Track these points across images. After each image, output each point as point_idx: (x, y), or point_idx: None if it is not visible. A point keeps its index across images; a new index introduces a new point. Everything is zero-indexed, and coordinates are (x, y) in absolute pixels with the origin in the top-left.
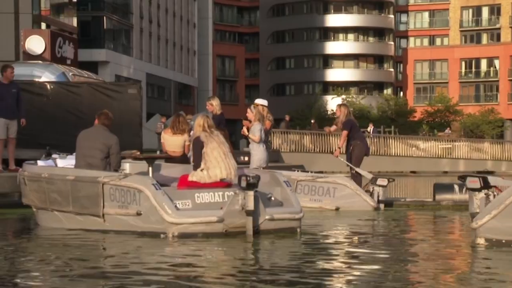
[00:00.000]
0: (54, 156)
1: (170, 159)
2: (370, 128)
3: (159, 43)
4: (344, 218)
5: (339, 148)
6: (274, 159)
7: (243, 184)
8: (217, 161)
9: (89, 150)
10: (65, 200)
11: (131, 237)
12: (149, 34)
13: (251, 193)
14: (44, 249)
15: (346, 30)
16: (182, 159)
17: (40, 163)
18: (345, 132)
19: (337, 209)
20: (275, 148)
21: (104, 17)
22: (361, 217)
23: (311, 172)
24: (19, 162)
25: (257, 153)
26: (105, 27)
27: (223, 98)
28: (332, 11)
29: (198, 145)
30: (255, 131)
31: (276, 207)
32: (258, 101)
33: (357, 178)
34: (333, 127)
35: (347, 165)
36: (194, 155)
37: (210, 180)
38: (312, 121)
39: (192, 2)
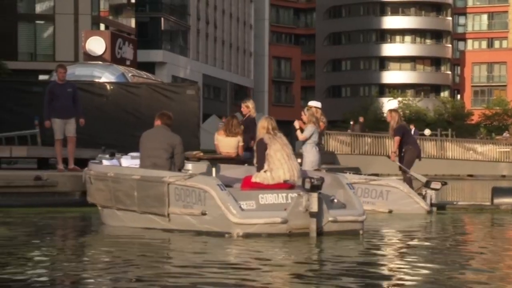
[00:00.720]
0: (105, 155)
1: (224, 160)
2: (412, 129)
3: (216, 44)
4: (400, 221)
5: (394, 152)
6: (330, 161)
7: (307, 186)
8: (281, 162)
9: (154, 150)
10: (131, 199)
11: (195, 237)
12: (206, 35)
13: (315, 195)
14: (109, 247)
15: (403, 32)
16: (237, 160)
17: (105, 162)
18: (397, 138)
19: (390, 212)
20: (330, 150)
21: (162, 18)
22: (415, 220)
23: (365, 174)
24: (80, 162)
25: (310, 155)
26: (162, 28)
27: (278, 100)
28: (389, 13)
29: (261, 146)
30: (306, 133)
31: (339, 209)
32: (312, 103)
33: (409, 181)
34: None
35: (401, 169)
36: (258, 156)
37: (273, 182)
38: (352, 122)
39: (249, 4)
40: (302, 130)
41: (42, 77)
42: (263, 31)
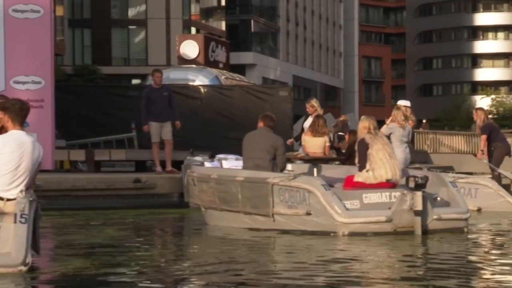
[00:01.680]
0: (196, 158)
1: (311, 160)
2: None
3: (305, 45)
4: (491, 219)
5: (481, 151)
6: (422, 160)
7: (411, 184)
8: (382, 162)
9: (256, 152)
10: (234, 200)
11: (300, 236)
12: (295, 36)
13: (419, 194)
14: (215, 247)
15: (495, 28)
16: (325, 160)
17: (207, 164)
18: (484, 136)
19: (479, 210)
20: (422, 149)
21: (252, 20)
22: (507, 218)
23: (455, 173)
24: (176, 164)
25: (398, 154)
26: (252, 30)
27: (369, 99)
28: (481, 9)
29: (363, 146)
30: (385, 129)
31: (443, 207)
32: (401, 102)
33: (498, 179)
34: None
35: (490, 167)
36: (360, 156)
37: (375, 181)
38: (424, 120)
39: (338, 4)
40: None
41: (135, 81)
42: (352, 31)
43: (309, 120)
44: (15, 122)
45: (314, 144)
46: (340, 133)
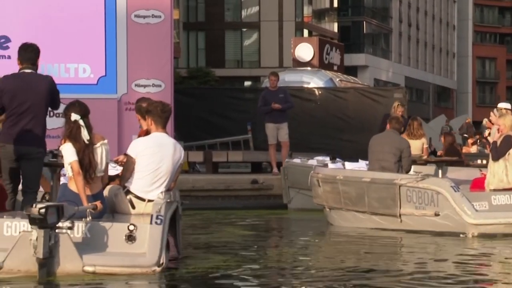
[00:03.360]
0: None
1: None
2: None
3: (418, 46)
4: None
5: None
6: None
7: None
8: None
9: (382, 154)
10: (360, 201)
11: (428, 236)
12: (408, 37)
13: None
14: (342, 246)
15: None
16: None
17: (330, 166)
18: None
19: None
20: None
21: (364, 22)
22: None
23: None
24: None
25: None
26: (364, 31)
27: (482, 101)
28: None
29: (509, 143)
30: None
31: None
32: (502, 105)
33: None
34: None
35: None
36: (500, 151)
37: (509, 186)
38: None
39: (452, 4)
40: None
41: (247, 83)
42: (466, 32)
43: None
44: (157, 124)
45: (412, 147)
46: (465, 135)
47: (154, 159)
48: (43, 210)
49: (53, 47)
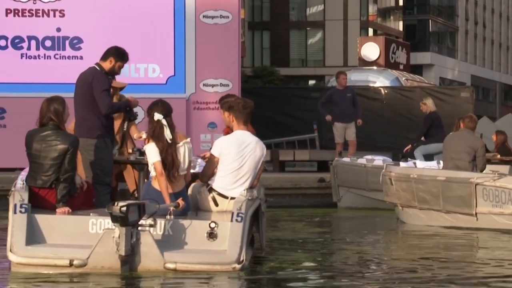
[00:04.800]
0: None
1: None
2: None
3: (484, 44)
4: None
5: None
6: None
7: None
8: None
9: (456, 153)
10: (435, 199)
11: (505, 236)
12: (474, 35)
13: None
14: (418, 244)
15: None
16: None
17: (402, 164)
18: None
19: None
20: None
21: (430, 20)
22: None
23: None
24: None
25: None
26: (430, 30)
27: None
28: None
29: None
30: None
31: None
32: None
33: None
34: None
35: None
36: None
37: None
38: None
39: None
40: None
41: (311, 82)
42: None
43: None
44: (239, 121)
45: None
46: None
47: (237, 157)
48: (124, 209)
49: (123, 48)
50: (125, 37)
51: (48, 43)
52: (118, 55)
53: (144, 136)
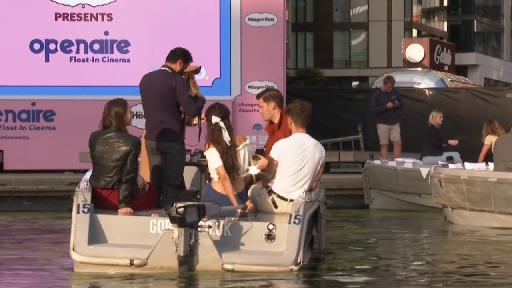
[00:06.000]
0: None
1: None
2: None
3: None
4: None
5: None
6: None
7: None
8: None
9: (507, 154)
10: (487, 200)
11: None
12: None
13: None
14: (470, 245)
15: None
16: None
17: (451, 166)
18: None
19: None
20: None
21: (474, 21)
22: None
23: None
24: None
25: None
26: (475, 30)
27: None
28: None
29: None
30: None
31: None
32: None
33: None
34: None
35: None
36: None
37: None
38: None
39: None
40: None
41: (355, 83)
42: None
43: None
44: (297, 124)
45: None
46: None
47: (296, 160)
48: (181, 210)
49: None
50: (171, 40)
51: (96, 46)
52: (186, 56)
53: (195, 122)
